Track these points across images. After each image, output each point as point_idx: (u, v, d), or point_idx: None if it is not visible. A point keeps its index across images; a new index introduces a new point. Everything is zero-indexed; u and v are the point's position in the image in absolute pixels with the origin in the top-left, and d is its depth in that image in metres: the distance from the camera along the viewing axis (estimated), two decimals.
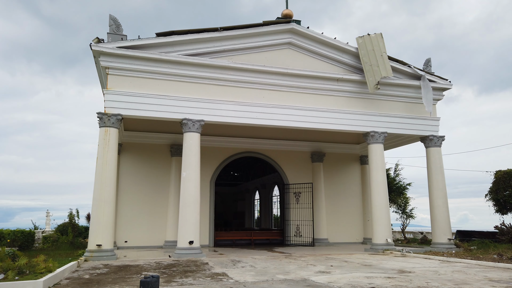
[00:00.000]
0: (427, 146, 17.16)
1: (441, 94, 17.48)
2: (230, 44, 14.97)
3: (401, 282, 8.20)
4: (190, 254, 13.21)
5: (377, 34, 16.33)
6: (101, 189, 12.95)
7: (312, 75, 15.68)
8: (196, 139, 14.21)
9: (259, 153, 20.31)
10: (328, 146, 21.11)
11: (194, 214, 13.71)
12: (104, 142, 13.24)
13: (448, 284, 8.05)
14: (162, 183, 18.30)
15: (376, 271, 9.93)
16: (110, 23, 13.92)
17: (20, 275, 7.84)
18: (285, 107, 15.31)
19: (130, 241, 17.45)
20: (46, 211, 22.87)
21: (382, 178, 16.08)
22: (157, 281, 6.00)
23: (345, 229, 20.79)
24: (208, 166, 18.90)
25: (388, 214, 16.01)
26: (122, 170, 17.81)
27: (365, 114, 16.32)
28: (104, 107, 13.47)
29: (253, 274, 9.45)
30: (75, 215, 18.37)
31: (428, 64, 17.61)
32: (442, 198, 16.52)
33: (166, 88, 14.17)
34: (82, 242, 17.33)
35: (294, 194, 20.17)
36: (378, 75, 15.74)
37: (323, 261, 12.16)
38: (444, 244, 16.05)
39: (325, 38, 15.93)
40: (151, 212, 17.97)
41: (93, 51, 13.38)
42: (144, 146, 18.50)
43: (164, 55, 13.98)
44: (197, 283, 8.17)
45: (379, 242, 15.56)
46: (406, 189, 22.76)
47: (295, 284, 8.04)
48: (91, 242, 12.72)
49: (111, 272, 9.83)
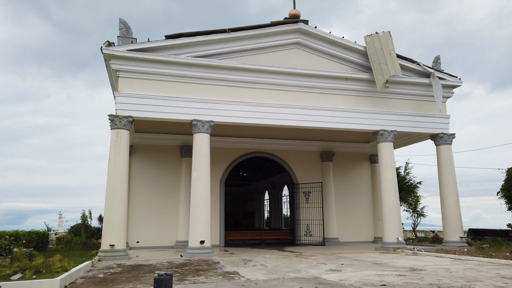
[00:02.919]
0: (438, 144, 17.07)
1: (451, 92, 17.36)
2: (238, 45, 15.08)
3: (413, 280, 8.20)
4: (201, 254, 13.34)
5: (385, 32, 16.29)
6: (113, 190, 13.16)
7: (321, 75, 15.71)
8: (206, 140, 14.35)
9: (268, 153, 20.39)
10: (337, 145, 21.09)
11: (205, 214, 13.84)
12: (115, 143, 13.45)
13: (460, 281, 8.03)
14: (173, 184, 18.48)
15: (387, 269, 9.93)
16: (120, 27, 14.13)
17: (37, 274, 8.04)
18: (294, 106, 15.36)
19: (142, 241, 17.66)
20: (59, 213, 23.20)
21: (392, 177, 16.04)
22: (171, 279, 6.11)
23: (355, 228, 20.75)
24: (218, 166, 19.02)
25: (399, 213, 15.95)
26: (133, 171, 18.03)
27: (374, 113, 16.30)
28: (115, 110, 13.68)
29: (264, 272, 9.53)
30: (88, 216, 18.66)
31: (438, 61, 17.51)
32: (453, 196, 16.41)
33: (176, 90, 14.33)
34: (95, 243, 17.58)
35: (303, 194, 20.19)
36: (386, 74, 15.71)
37: (333, 260, 12.18)
38: (456, 242, 15.94)
39: (333, 37, 15.95)
40: (162, 213, 18.17)
41: (104, 55, 13.60)
42: (154, 148, 18.71)
43: (173, 57, 14.14)
44: (209, 281, 8.27)
45: (390, 241, 15.52)
46: (417, 187, 22.65)
47: (306, 282, 8.09)
48: (104, 242, 12.92)
49: (124, 271, 9.99)
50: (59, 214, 23.16)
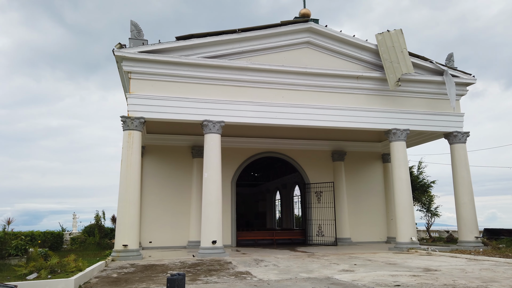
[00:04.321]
0: (451, 142, 16.81)
1: (464, 89, 17.10)
2: (249, 45, 15.08)
3: (427, 280, 8.09)
4: (213, 254, 13.38)
5: (396, 30, 16.12)
6: (126, 190, 13.28)
7: (331, 74, 15.62)
8: (217, 140, 14.38)
9: (279, 153, 20.34)
10: (349, 145, 20.95)
11: (217, 214, 13.87)
12: (128, 144, 13.57)
13: (476, 282, 7.89)
14: (184, 185, 18.58)
15: (401, 270, 9.81)
16: (132, 29, 14.26)
17: (52, 274, 8.15)
18: (305, 106, 15.30)
19: (154, 241, 17.79)
20: (73, 214, 23.58)
21: (405, 176, 15.85)
22: (183, 279, 6.13)
23: (368, 228, 20.57)
24: (229, 167, 19.05)
25: (412, 212, 15.75)
26: (146, 172, 18.18)
27: (386, 112, 16.13)
28: (127, 111, 13.80)
29: (276, 272, 9.51)
30: (101, 216, 18.88)
31: (451, 59, 17.26)
32: (468, 195, 16.15)
33: (187, 91, 14.40)
34: (108, 243, 17.78)
35: (315, 194, 20.10)
36: (398, 72, 15.54)
37: (346, 260, 12.09)
38: (471, 242, 15.68)
39: (343, 36, 15.84)
40: (174, 213, 18.28)
41: (116, 57, 13.74)
42: (166, 148, 18.83)
43: (184, 58, 14.22)
44: (221, 281, 8.28)
45: (403, 241, 15.34)
46: (430, 187, 22.33)
47: (319, 282, 8.04)
48: (118, 243, 13.05)
49: (137, 271, 10.07)
50: (73, 215, 23.53)
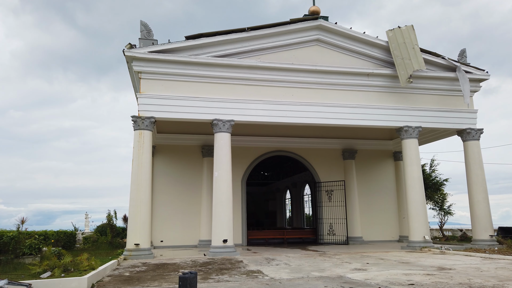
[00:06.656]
0: (465, 139, 16.55)
1: (478, 86, 16.81)
2: (258, 43, 15.04)
3: (442, 279, 7.96)
4: (224, 253, 13.38)
5: (408, 27, 15.91)
6: (137, 190, 13.35)
7: (342, 71, 15.49)
8: (227, 139, 14.37)
9: (289, 151, 20.26)
10: (359, 143, 20.77)
11: (227, 213, 13.87)
12: (138, 144, 13.64)
13: (492, 280, 7.74)
14: (195, 184, 18.63)
15: (415, 268, 9.68)
16: (142, 29, 14.33)
17: (65, 273, 8.23)
18: (315, 104, 15.20)
19: (166, 240, 17.87)
20: (85, 214, 23.81)
21: (418, 174, 15.65)
22: (195, 277, 6.13)
23: (379, 227, 20.38)
24: (239, 166, 19.04)
25: (425, 211, 15.55)
26: (156, 172, 18.27)
27: (397, 109, 15.94)
28: (138, 111, 13.87)
29: (288, 271, 9.46)
30: (113, 216, 19.04)
31: (463, 55, 16.98)
32: (482, 193, 15.88)
33: (197, 90, 14.42)
34: (120, 242, 17.92)
35: (326, 192, 19.98)
36: (410, 68, 15.33)
37: (358, 259, 11.98)
38: (486, 241, 15.42)
39: (353, 33, 15.70)
40: (185, 212, 18.34)
41: (126, 57, 13.82)
42: (176, 148, 18.91)
43: (193, 58, 14.23)
44: (233, 280, 8.27)
45: (416, 240, 15.14)
46: (443, 185, 22.02)
47: (331, 281, 7.98)
48: (129, 242, 13.13)
49: (149, 270, 10.12)
50: (85, 215, 23.76)
